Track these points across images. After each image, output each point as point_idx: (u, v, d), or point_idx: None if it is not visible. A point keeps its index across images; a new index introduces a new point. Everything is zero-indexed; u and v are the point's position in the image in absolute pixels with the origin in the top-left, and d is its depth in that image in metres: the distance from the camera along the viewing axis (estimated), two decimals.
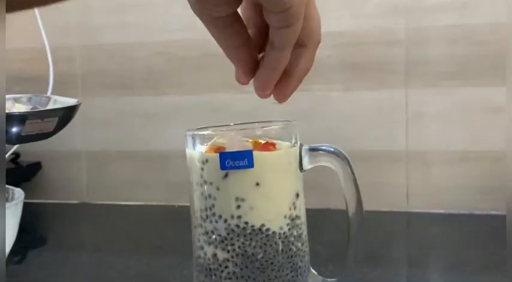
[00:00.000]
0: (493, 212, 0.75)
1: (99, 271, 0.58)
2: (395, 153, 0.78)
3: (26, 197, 0.69)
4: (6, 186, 0.41)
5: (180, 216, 0.80)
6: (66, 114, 0.45)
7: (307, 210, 0.43)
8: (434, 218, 0.75)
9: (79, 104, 0.46)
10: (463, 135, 0.76)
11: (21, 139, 0.40)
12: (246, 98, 0.82)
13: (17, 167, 0.86)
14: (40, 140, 0.44)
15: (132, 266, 0.58)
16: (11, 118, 0.38)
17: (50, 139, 0.90)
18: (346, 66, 0.79)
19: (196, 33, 0.87)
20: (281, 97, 0.40)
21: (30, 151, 0.88)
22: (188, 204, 0.42)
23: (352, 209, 0.41)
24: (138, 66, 0.86)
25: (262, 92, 0.39)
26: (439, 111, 0.76)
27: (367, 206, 0.42)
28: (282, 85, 0.39)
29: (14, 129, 0.39)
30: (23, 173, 0.85)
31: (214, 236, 0.40)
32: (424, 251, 0.62)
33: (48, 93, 0.83)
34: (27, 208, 0.72)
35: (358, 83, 0.79)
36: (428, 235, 0.69)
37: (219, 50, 0.85)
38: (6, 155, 0.69)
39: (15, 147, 0.82)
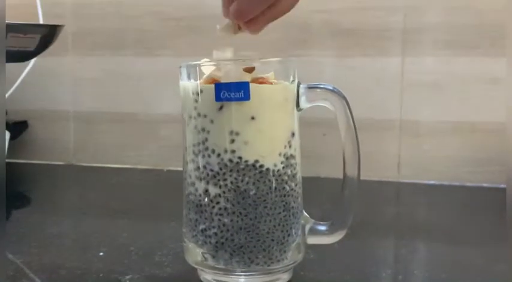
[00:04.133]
0: (485, 184, 0.74)
1: (83, 233, 0.56)
2: (389, 122, 0.77)
3: (11, 157, 0.68)
4: None
5: (168, 180, 0.80)
6: (48, 34, 0.44)
7: None
8: (426, 188, 0.75)
9: (62, 25, 0.45)
10: (457, 106, 0.75)
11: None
12: None
13: None
14: (21, 60, 0.42)
15: (117, 227, 0.57)
16: None
17: (37, 98, 0.89)
18: (342, 32, 0.77)
19: None
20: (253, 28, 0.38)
21: (17, 109, 0.86)
22: (178, 168, 0.41)
23: (348, 151, 0.40)
24: (131, 26, 0.85)
25: (237, 19, 0.37)
26: (434, 81, 0.75)
27: None
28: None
29: None
30: (8, 132, 0.83)
31: (206, 171, 0.38)
32: (413, 221, 0.61)
33: None
34: (12, 168, 0.70)
35: (353, 49, 0.78)
36: (419, 205, 0.68)
37: (215, 12, 0.84)
38: None
39: None
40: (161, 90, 0.84)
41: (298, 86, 0.40)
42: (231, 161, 0.38)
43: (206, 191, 0.38)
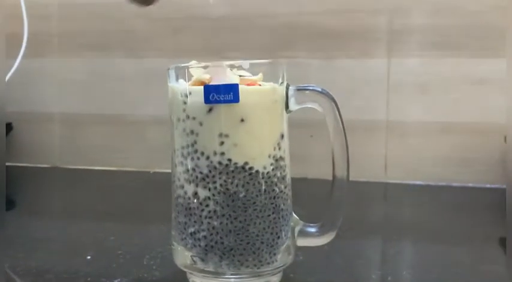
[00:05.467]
0: (471, 184, 0.75)
1: (69, 237, 0.56)
2: (375, 123, 0.77)
3: None
4: None
5: (155, 183, 0.79)
6: None
7: None
8: (412, 189, 0.75)
9: None
10: (443, 107, 0.76)
11: None
12: None
13: None
14: None
15: (104, 231, 0.56)
16: None
17: (22, 100, 0.87)
18: (328, 34, 0.78)
19: None
20: None
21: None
22: (165, 170, 0.41)
23: (337, 152, 0.40)
24: (117, 27, 0.84)
25: None
26: (420, 82, 0.76)
27: None
28: None
29: None
30: None
31: (195, 174, 0.38)
32: (401, 221, 0.62)
33: (21, 53, 0.81)
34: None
35: (339, 51, 0.78)
36: (406, 206, 0.68)
37: (202, 13, 0.84)
38: None
39: None
40: (148, 91, 0.83)
41: (287, 88, 0.40)
42: (220, 163, 0.37)
43: (195, 193, 0.38)
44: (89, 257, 0.47)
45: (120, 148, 0.86)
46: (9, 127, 0.87)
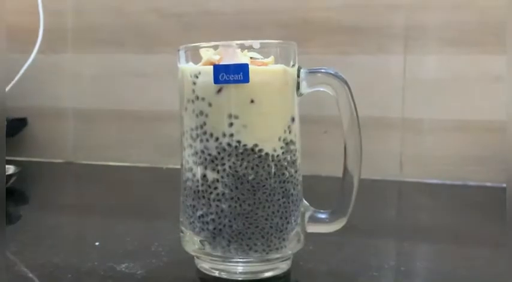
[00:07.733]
0: (488, 184, 0.73)
1: (80, 227, 0.56)
2: (391, 120, 0.76)
3: (10, 154, 0.67)
4: None
5: (168, 179, 0.79)
6: None
7: None
8: (428, 187, 0.74)
9: None
10: (460, 104, 0.74)
11: None
12: None
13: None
14: None
15: (114, 222, 0.56)
16: None
17: (37, 95, 0.88)
18: (343, 29, 0.77)
19: None
20: None
21: (16, 106, 0.86)
22: (178, 166, 0.40)
23: (350, 138, 0.39)
24: (131, 22, 0.84)
25: None
26: (437, 79, 0.75)
27: None
28: None
29: None
30: (7, 128, 0.82)
31: (204, 156, 0.37)
32: (415, 219, 0.60)
33: (36, 48, 0.81)
34: (10, 165, 0.69)
35: (355, 47, 0.77)
36: (421, 204, 0.67)
37: (217, 8, 0.83)
38: None
39: None
40: (161, 87, 0.83)
41: (298, 71, 0.39)
42: (229, 145, 0.37)
43: (204, 176, 0.38)
44: (97, 243, 0.47)
45: (133, 144, 0.85)
46: (24, 122, 0.87)
